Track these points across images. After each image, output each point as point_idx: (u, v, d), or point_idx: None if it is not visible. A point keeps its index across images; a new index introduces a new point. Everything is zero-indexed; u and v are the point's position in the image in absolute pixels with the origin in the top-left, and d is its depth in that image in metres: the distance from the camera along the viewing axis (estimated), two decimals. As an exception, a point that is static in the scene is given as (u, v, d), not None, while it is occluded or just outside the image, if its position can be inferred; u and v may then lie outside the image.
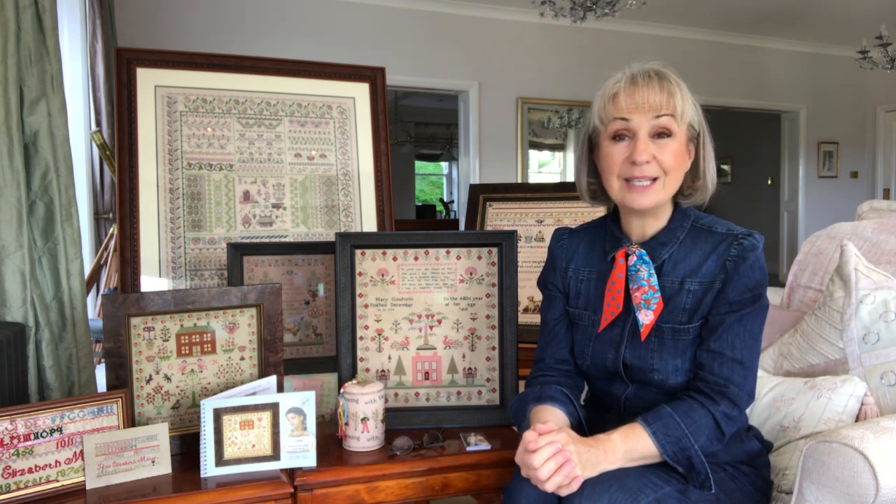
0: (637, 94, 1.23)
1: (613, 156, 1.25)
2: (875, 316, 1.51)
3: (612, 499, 1.10)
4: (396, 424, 1.58)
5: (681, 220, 1.30)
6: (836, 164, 8.42)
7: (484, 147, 6.60)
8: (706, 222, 1.29)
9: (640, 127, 1.23)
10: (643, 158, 1.21)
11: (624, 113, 1.23)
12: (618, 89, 1.25)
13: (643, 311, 1.25)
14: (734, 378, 1.21)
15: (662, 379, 1.26)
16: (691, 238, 1.28)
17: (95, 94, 3.78)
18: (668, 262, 1.27)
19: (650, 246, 1.28)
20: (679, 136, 1.24)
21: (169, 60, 1.95)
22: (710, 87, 7.40)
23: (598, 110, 1.28)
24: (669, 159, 1.23)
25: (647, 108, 1.22)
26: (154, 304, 1.40)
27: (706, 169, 1.29)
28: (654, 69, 1.26)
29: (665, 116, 1.22)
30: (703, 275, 1.25)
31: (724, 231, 1.26)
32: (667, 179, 1.24)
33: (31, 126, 1.60)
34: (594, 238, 1.39)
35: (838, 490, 1.14)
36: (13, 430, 1.23)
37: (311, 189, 2.04)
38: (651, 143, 1.22)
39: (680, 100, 1.23)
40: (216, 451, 1.34)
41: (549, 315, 1.42)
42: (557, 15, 5.12)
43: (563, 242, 1.42)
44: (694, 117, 1.26)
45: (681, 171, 1.26)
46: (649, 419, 1.19)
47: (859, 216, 2.09)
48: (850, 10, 6.77)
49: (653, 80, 1.24)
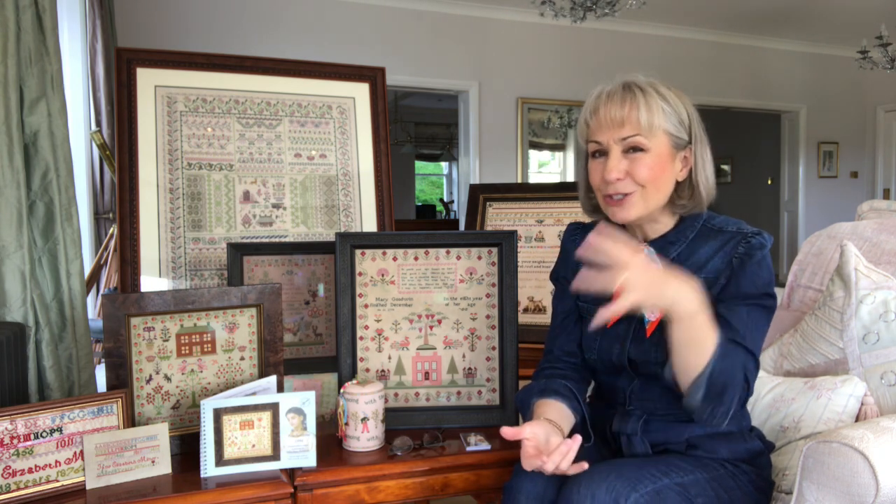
0: (601, 114, 1.24)
1: (594, 172, 1.29)
2: (875, 316, 1.51)
3: (610, 486, 1.10)
4: (396, 424, 1.58)
5: (691, 221, 1.30)
6: (836, 164, 8.42)
7: (484, 147, 6.60)
8: (717, 222, 1.30)
9: (610, 147, 1.24)
10: (612, 177, 1.23)
11: (595, 135, 1.26)
12: (588, 110, 1.28)
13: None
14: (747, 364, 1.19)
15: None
16: (701, 237, 1.29)
17: (95, 94, 3.78)
18: (675, 260, 1.28)
19: (659, 244, 1.30)
20: (655, 149, 1.23)
21: (169, 60, 1.95)
22: (710, 87, 7.40)
23: (579, 131, 1.32)
24: (644, 173, 1.22)
25: (612, 125, 1.23)
26: (154, 304, 1.40)
27: (698, 177, 1.27)
28: (624, 82, 1.26)
29: (632, 136, 1.22)
30: (709, 270, 1.25)
31: (734, 230, 1.27)
32: (645, 192, 1.24)
33: (31, 126, 1.60)
34: None
35: (838, 490, 1.14)
36: (13, 430, 1.23)
37: (311, 189, 2.04)
38: (624, 159, 1.23)
39: (645, 112, 1.21)
40: (216, 451, 1.34)
41: (560, 307, 1.43)
42: (557, 15, 5.12)
43: (576, 237, 1.43)
44: (673, 125, 1.24)
45: (661, 182, 1.25)
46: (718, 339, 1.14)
47: (859, 216, 2.09)
48: (850, 10, 6.77)
49: (616, 95, 1.24)
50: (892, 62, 6.56)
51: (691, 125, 1.27)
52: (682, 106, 1.26)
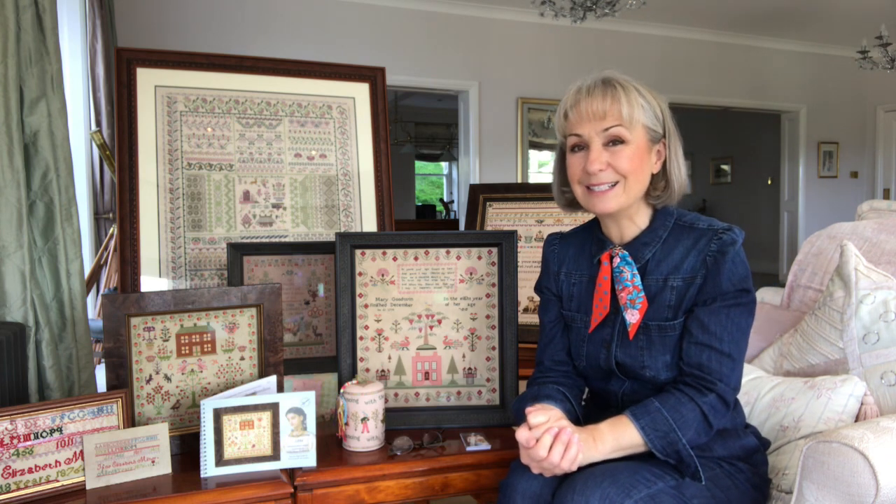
0: (582, 106, 1.27)
1: (573, 166, 1.31)
2: (875, 316, 1.51)
3: (603, 493, 1.11)
4: (396, 424, 1.58)
5: (663, 219, 1.32)
6: (836, 164, 8.42)
7: (484, 147, 6.60)
8: (688, 219, 1.32)
9: (591, 139, 1.26)
10: (595, 168, 1.25)
11: (575, 128, 1.28)
12: (567, 104, 1.30)
13: (629, 310, 1.28)
14: (722, 370, 1.22)
15: (654, 375, 1.28)
16: (674, 236, 1.30)
17: (95, 94, 3.78)
18: (651, 262, 1.30)
19: (633, 247, 1.31)
20: (634, 141, 1.26)
21: (169, 60, 1.95)
22: (710, 87, 7.40)
23: (556, 125, 1.34)
24: (625, 164, 1.25)
25: (593, 117, 1.25)
26: (154, 304, 1.40)
27: (672, 170, 1.31)
28: (603, 77, 1.29)
29: (614, 126, 1.25)
30: (685, 270, 1.27)
31: (706, 226, 1.28)
32: (627, 183, 1.26)
33: (31, 126, 1.60)
34: (583, 242, 1.42)
35: (838, 490, 1.14)
36: (13, 430, 1.23)
37: (311, 189, 2.04)
38: (605, 152, 1.26)
39: (626, 105, 1.25)
40: (216, 451, 1.34)
41: (545, 318, 1.45)
42: (557, 15, 5.12)
43: (555, 248, 1.46)
44: (649, 119, 1.28)
45: (641, 173, 1.28)
46: (637, 413, 1.21)
47: (859, 216, 2.09)
48: (850, 10, 6.77)
49: (596, 89, 1.27)
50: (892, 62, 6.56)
51: (664, 120, 1.31)
52: (655, 101, 1.30)
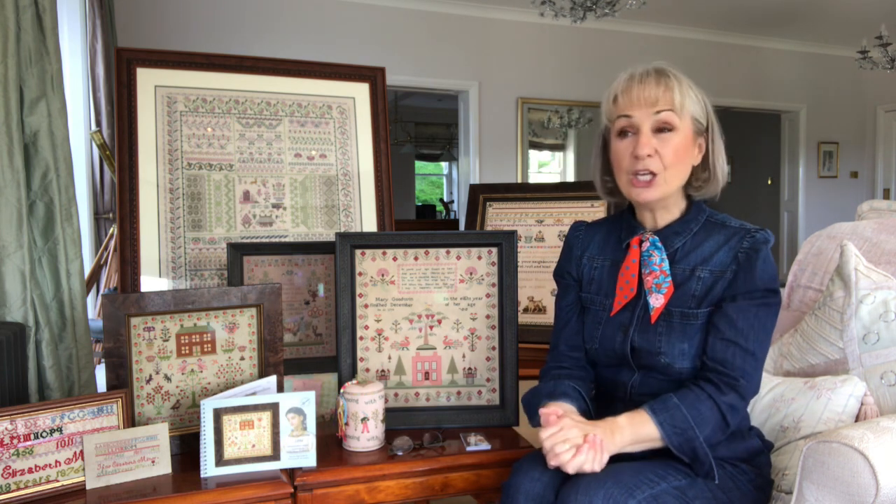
0: (635, 91, 1.28)
1: (620, 151, 1.32)
2: (875, 316, 1.51)
3: (607, 493, 1.11)
4: (396, 424, 1.58)
5: (696, 213, 1.35)
6: (836, 164, 8.41)
7: (484, 147, 6.60)
8: (720, 218, 1.35)
9: (641, 122, 1.28)
10: (645, 151, 1.27)
11: (625, 110, 1.29)
12: (618, 89, 1.31)
13: (654, 294, 1.30)
14: (745, 368, 1.23)
15: (668, 362, 1.28)
16: (705, 230, 1.33)
17: (95, 94, 3.78)
18: (680, 251, 1.32)
19: (664, 234, 1.34)
20: (682, 131, 1.28)
21: (169, 60, 1.95)
22: (710, 87, 7.26)
23: (604, 110, 1.35)
24: (670, 154, 1.27)
25: (645, 103, 1.27)
26: (154, 304, 1.40)
27: (715, 162, 1.33)
28: (655, 67, 1.32)
29: (665, 111, 1.27)
30: (715, 263, 1.29)
31: (738, 225, 1.31)
32: (667, 174, 1.28)
33: (31, 126, 1.60)
34: (610, 229, 1.45)
35: (838, 490, 1.14)
36: (13, 430, 1.23)
37: (311, 189, 2.04)
38: (653, 138, 1.28)
39: (678, 94, 1.27)
40: (216, 451, 1.34)
41: (562, 302, 1.47)
42: (557, 15, 5.12)
43: (580, 233, 1.48)
44: (698, 111, 1.31)
45: (683, 165, 1.30)
46: (656, 408, 1.21)
47: (859, 216, 2.09)
48: (850, 10, 6.76)
49: (650, 76, 1.29)
50: (892, 62, 6.55)
51: (709, 114, 1.34)
52: (702, 95, 1.33)
